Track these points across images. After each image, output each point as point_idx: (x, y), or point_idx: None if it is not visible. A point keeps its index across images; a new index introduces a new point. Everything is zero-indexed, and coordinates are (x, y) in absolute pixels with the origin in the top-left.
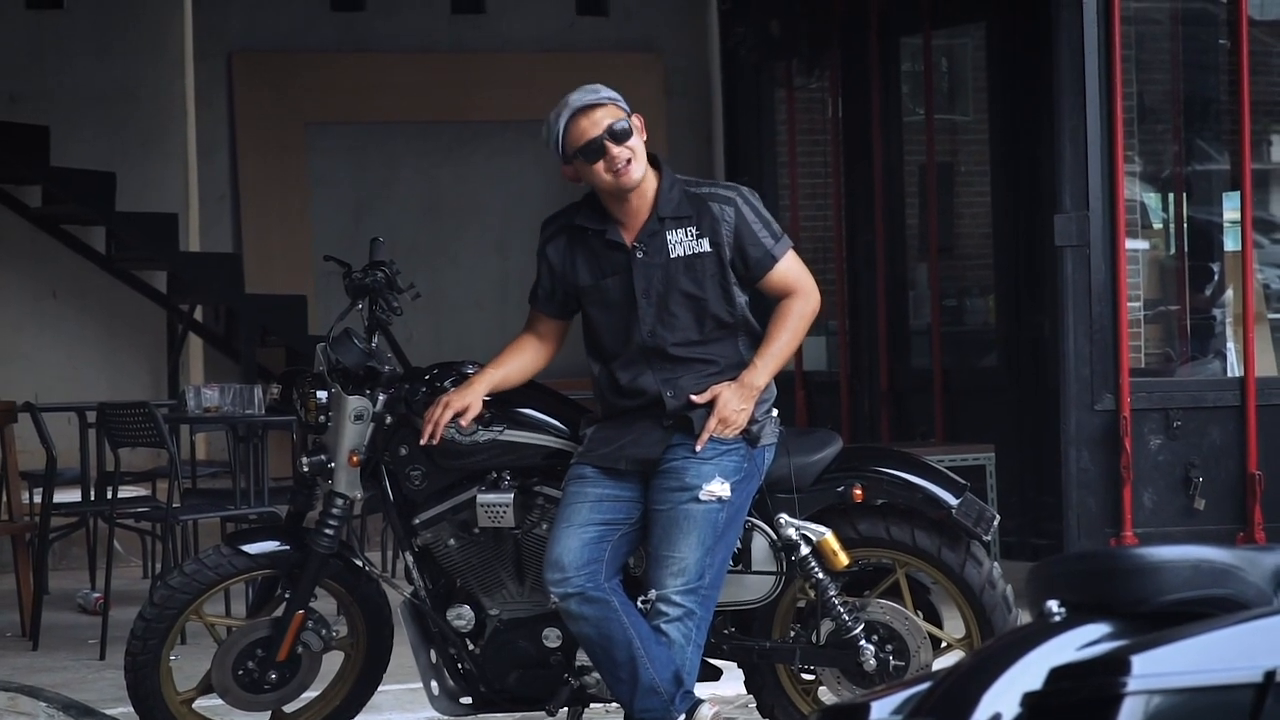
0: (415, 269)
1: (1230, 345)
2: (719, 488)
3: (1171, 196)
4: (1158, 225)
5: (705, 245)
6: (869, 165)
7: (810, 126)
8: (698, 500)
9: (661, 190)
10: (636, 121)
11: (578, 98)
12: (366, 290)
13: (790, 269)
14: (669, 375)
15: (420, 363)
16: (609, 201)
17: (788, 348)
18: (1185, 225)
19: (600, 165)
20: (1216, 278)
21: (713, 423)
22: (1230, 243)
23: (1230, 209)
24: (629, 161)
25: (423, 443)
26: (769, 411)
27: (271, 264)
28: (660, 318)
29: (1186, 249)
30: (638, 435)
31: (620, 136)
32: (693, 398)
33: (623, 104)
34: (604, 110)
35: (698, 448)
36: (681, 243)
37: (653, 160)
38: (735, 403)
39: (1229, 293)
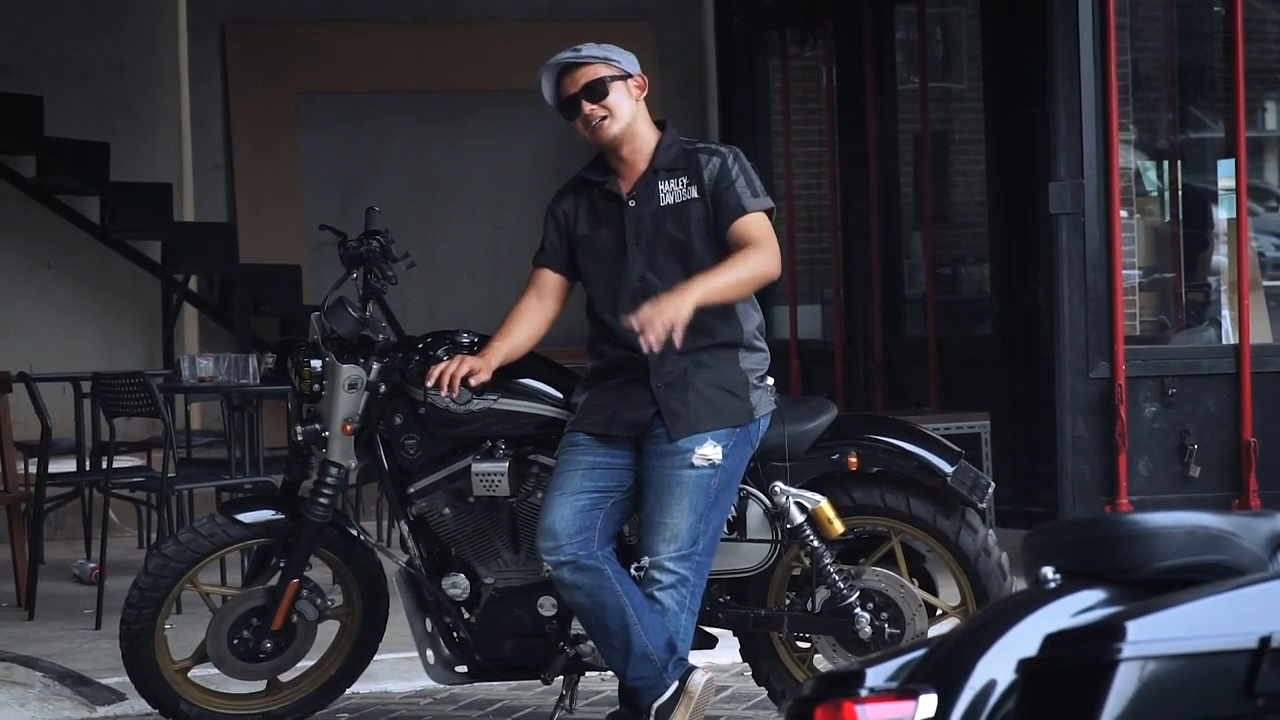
0: (408, 239)
1: (1225, 313)
2: (711, 450)
3: (1166, 164)
4: (1152, 193)
5: (693, 193)
6: (863, 134)
7: (804, 95)
8: (690, 465)
9: (661, 145)
10: (637, 81)
11: (560, 57)
12: (361, 259)
13: (758, 225)
14: None
15: (413, 332)
16: (609, 156)
17: (725, 285)
18: (1180, 193)
19: (578, 122)
20: (1211, 245)
21: (632, 320)
22: (1225, 210)
23: (1225, 176)
24: (604, 119)
25: (429, 385)
26: (764, 379)
27: (265, 234)
28: (649, 264)
29: (1181, 216)
30: (629, 400)
31: (595, 95)
32: (623, 319)
33: (617, 62)
34: (584, 70)
35: (633, 322)
36: (672, 192)
37: (660, 123)
38: (654, 311)
39: (1224, 260)
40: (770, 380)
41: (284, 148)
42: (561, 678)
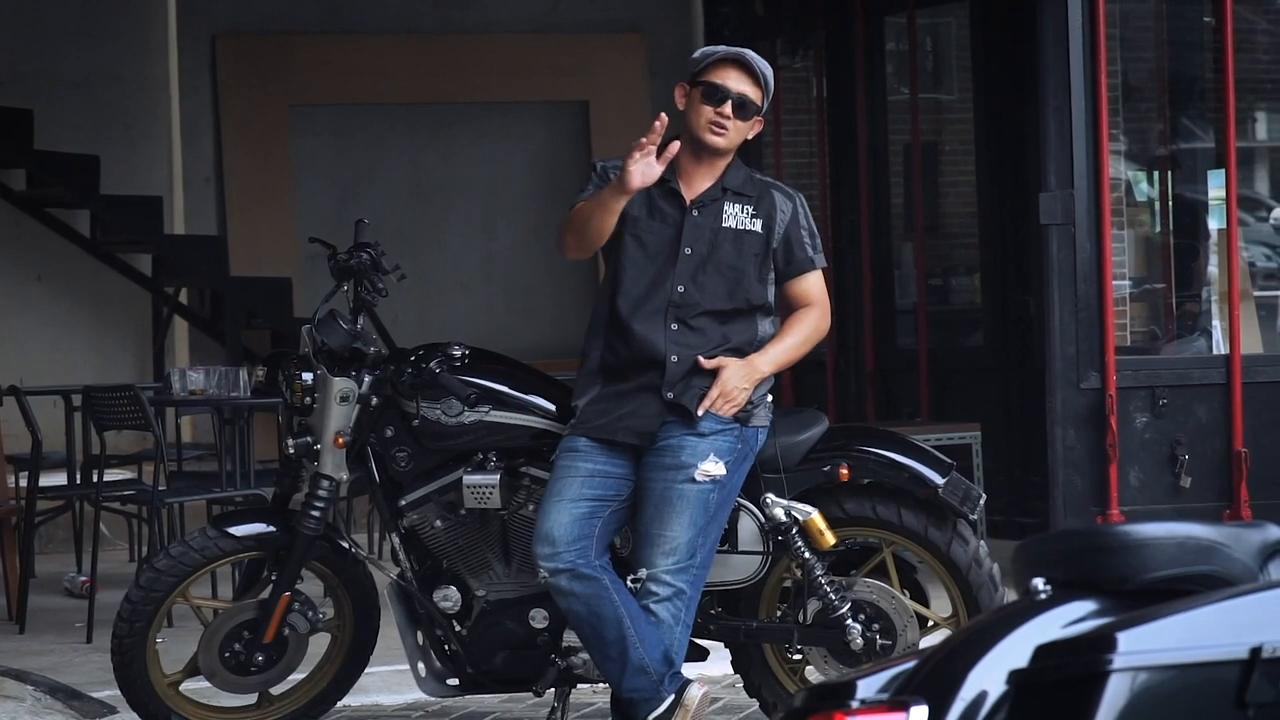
0: (401, 251)
1: (1216, 323)
2: (713, 467)
3: (1157, 175)
4: (1143, 203)
5: (758, 226)
6: (854, 145)
7: (795, 107)
8: (692, 480)
9: (731, 167)
10: (760, 122)
11: (751, 54)
12: (352, 272)
13: (820, 283)
14: (680, 340)
15: (406, 344)
16: (684, 155)
17: (795, 350)
18: (1171, 203)
19: (707, 109)
20: (1202, 256)
21: (715, 393)
22: (1215, 221)
23: (1215, 187)
24: (727, 131)
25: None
26: (765, 395)
27: (256, 246)
28: (695, 278)
29: (1172, 227)
30: (636, 408)
31: (741, 110)
32: (701, 360)
33: (769, 99)
34: (752, 84)
35: (699, 411)
36: (735, 216)
37: None
38: (737, 379)
39: (1214, 270)
40: (770, 398)
41: (276, 159)
42: (553, 690)
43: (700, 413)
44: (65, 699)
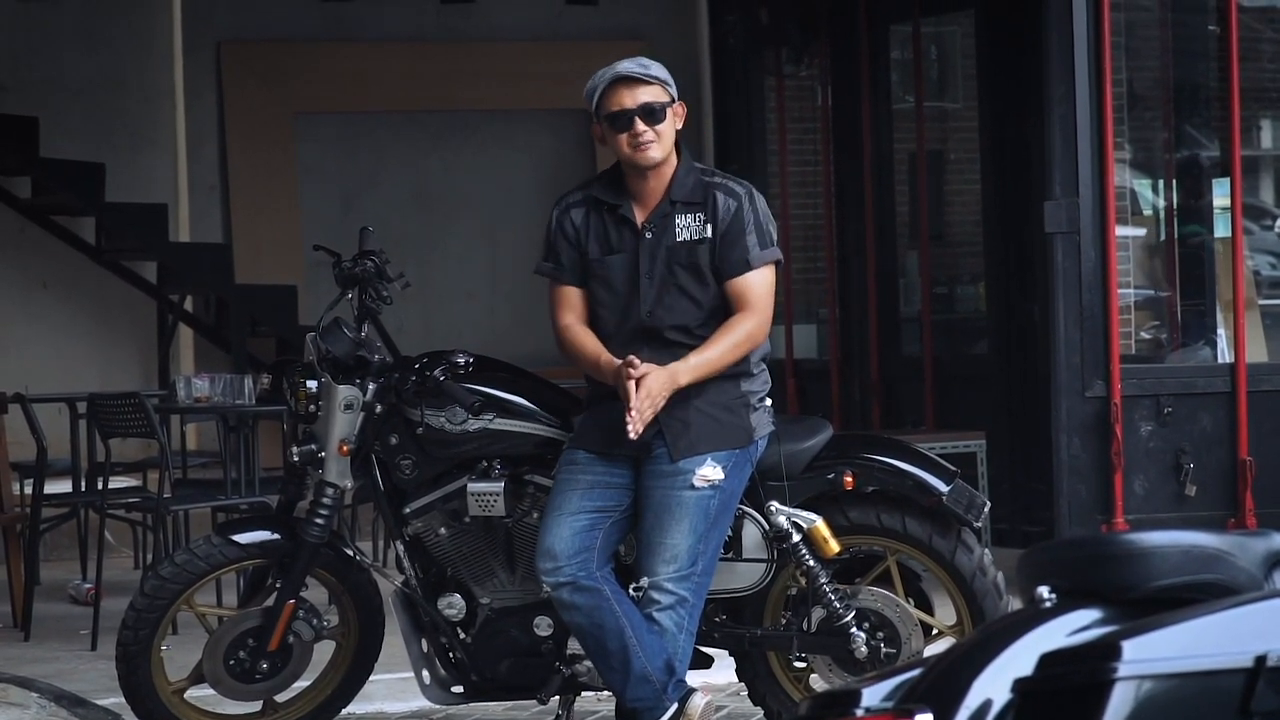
0: (404, 258)
1: (1221, 332)
2: (711, 471)
3: (1161, 183)
4: (1148, 212)
5: (709, 232)
6: (859, 153)
7: (800, 115)
8: (691, 486)
9: (678, 175)
10: (678, 109)
11: (626, 66)
12: (356, 280)
13: (757, 285)
14: (661, 360)
15: (410, 352)
16: (629, 176)
17: (720, 360)
18: (1175, 211)
19: (621, 136)
20: (1207, 264)
21: (642, 393)
22: (1220, 229)
23: (1220, 195)
24: (651, 142)
25: (633, 434)
26: (764, 400)
27: (261, 254)
28: (660, 298)
29: (1177, 235)
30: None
31: (652, 117)
32: (631, 364)
33: (670, 87)
34: (646, 89)
35: (631, 434)
36: (689, 227)
37: (675, 146)
38: (657, 389)
39: (1219, 279)
40: (769, 402)
41: (281, 167)
42: (557, 698)
43: (633, 434)
44: (70, 706)
